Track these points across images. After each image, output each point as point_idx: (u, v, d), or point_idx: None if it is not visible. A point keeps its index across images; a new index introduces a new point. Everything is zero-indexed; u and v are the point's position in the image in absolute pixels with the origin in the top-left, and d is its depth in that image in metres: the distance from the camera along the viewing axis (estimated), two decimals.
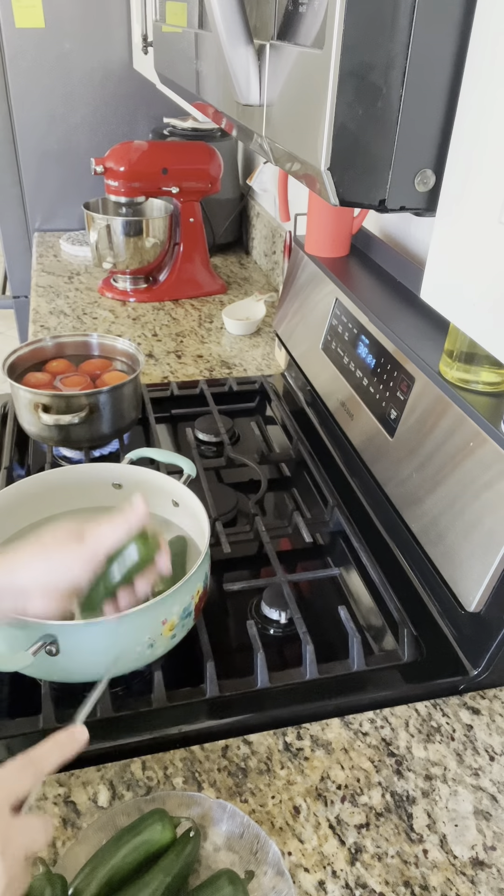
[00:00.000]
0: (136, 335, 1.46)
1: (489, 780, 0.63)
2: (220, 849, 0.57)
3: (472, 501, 0.69)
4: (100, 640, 0.63)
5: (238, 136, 0.63)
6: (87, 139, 1.99)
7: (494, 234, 0.37)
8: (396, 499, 0.82)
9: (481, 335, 0.40)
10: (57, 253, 1.90)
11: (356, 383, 0.95)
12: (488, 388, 0.72)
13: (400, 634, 0.74)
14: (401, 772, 0.64)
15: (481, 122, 0.37)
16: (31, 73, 1.86)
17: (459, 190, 0.40)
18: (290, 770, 0.63)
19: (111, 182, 1.49)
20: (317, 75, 0.39)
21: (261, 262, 1.84)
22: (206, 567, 0.71)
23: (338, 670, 0.71)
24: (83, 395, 0.96)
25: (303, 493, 1.01)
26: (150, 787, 0.61)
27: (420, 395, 0.80)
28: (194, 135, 1.76)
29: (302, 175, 0.45)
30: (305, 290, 1.16)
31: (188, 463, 0.87)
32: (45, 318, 1.51)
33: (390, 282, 1.01)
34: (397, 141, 0.40)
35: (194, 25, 0.73)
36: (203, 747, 0.65)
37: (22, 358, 1.06)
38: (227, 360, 1.37)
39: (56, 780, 0.62)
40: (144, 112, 1.99)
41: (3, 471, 0.98)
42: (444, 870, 0.57)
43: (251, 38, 0.48)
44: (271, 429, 1.18)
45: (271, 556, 0.83)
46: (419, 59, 0.38)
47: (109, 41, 1.86)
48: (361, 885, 0.55)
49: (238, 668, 0.71)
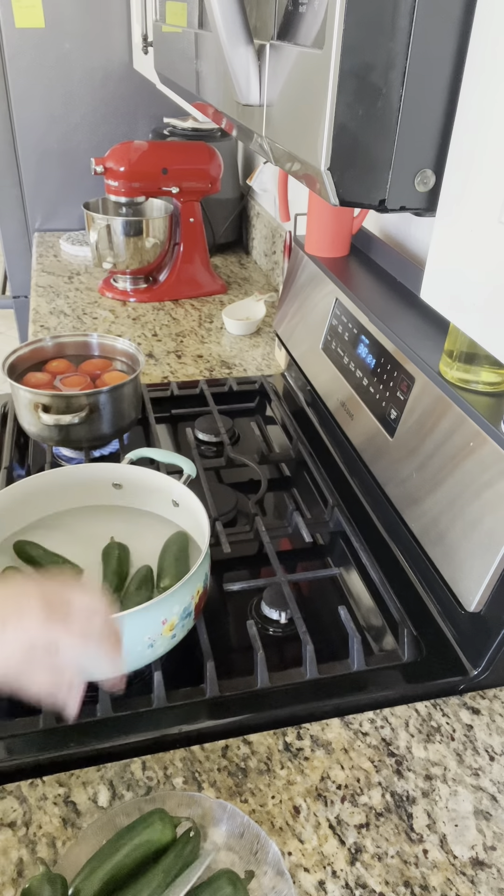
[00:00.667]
0: (136, 335, 1.46)
1: (489, 780, 0.63)
2: (220, 849, 0.57)
3: (472, 501, 0.69)
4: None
5: (238, 136, 0.63)
6: (87, 139, 1.99)
7: (494, 234, 0.37)
8: (396, 499, 0.82)
9: (481, 335, 0.40)
10: (57, 253, 1.90)
11: (356, 383, 0.95)
12: (488, 388, 0.72)
13: (400, 634, 0.74)
14: (401, 772, 0.64)
15: (481, 121, 0.37)
16: (31, 73, 1.86)
17: (459, 190, 0.40)
18: (290, 770, 0.63)
19: (111, 182, 1.49)
20: (317, 75, 0.39)
21: (261, 262, 1.84)
22: (206, 567, 0.71)
23: (338, 670, 0.71)
24: (83, 395, 0.96)
25: (303, 493, 1.01)
26: (150, 787, 0.61)
27: (420, 395, 0.80)
28: (194, 135, 1.76)
29: (302, 175, 0.45)
30: (305, 290, 1.16)
31: (188, 463, 0.87)
32: (45, 318, 1.51)
33: (390, 282, 1.01)
34: (397, 141, 0.40)
35: (194, 25, 0.73)
36: (203, 747, 0.65)
37: (22, 358, 1.06)
38: (227, 360, 1.37)
39: (56, 780, 0.62)
40: (144, 112, 1.99)
41: (3, 471, 0.98)
42: (444, 870, 0.57)
43: (251, 38, 0.48)
44: (271, 429, 1.18)
45: (271, 556, 0.83)
46: (419, 59, 0.38)
47: (109, 41, 1.86)
48: (361, 885, 0.55)
49: (238, 668, 0.71)
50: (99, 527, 0.84)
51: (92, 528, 0.84)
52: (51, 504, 0.85)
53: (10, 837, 0.57)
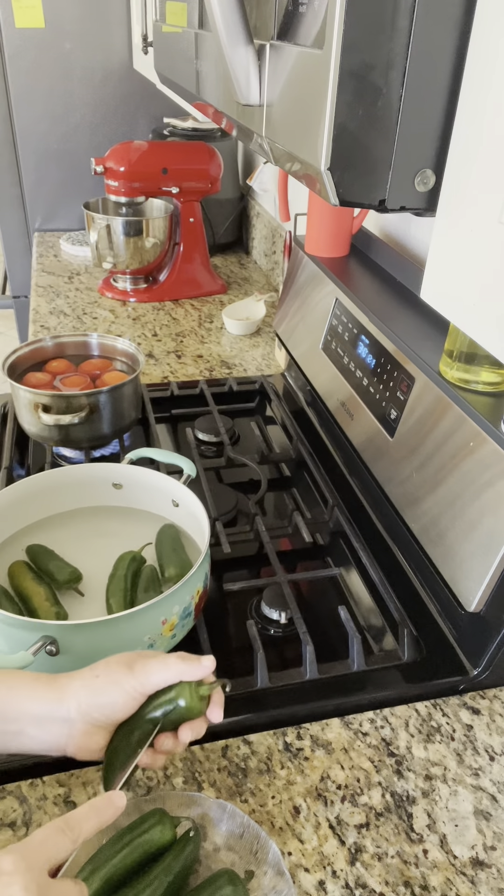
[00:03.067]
0: (136, 335, 1.46)
1: (489, 780, 0.63)
2: (220, 849, 0.57)
3: (472, 501, 0.69)
4: (100, 640, 0.63)
5: (238, 136, 0.63)
6: (87, 139, 1.99)
7: (494, 234, 0.37)
8: (396, 499, 0.82)
9: (481, 335, 0.40)
10: (57, 253, 1.90)
11: (356, 383, 0.95)
12: (488, 388, 0.72)
13: (400, 634, 0.74)
14: (401, 772, 0.64)
15: (482, 122, 0.37)
16: (31, 73, 1.86)
17: (459, 190, 0.40)
18: (290, 770, 0.63)
19: (111, 182, 1.49)
20: (317, 75, 0.39)
21: (261, 262, 1.84)
22: (205, 567, 0.71)
23: (338, 670, 0.71)
24: (83, 395, 0.96)
25: (303, 493, 1.01)
26: (150, 787, 0.61)
27: (420, 395, 0.80)
28: (194, 135, 1.76)
29: (302, 175, 0.45)
30: (305, 290, 1.16)
31: (188, 463, 0.87)
32: (45, 318, 1.51)
33: (390, 282, 1.01)
34: (397, 141, 0.40)
35: (194, 25, 0.73)
36: (203, 747, 0.65)
37: (22, 358, 1.06)
38: (227, 360, 1.37)
39: (56, 780, 0.62)
40: (144, 112, 1.99)
41: (3, 471, 0.98)
42: (444, 870, 0.57)
43: (251, 38, 0.48)
44: (271, 429, 1.18)
45: (271, 556, 0.83)
46: (419, 59, 0.38)
47: (109, 41, 1.86)
48: (361, 885, 0.55)
49: (238, 668, 0.71)
50: (99, 527, 0.84)
51: (92, 528, 0.84)
52: (51, 504, 0.85)
53: (10, 837, 0.57)
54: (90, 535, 0.83)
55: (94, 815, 0.46)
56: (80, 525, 0.85)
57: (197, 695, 0.54)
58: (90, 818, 0.46)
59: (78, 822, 0.45)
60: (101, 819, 0.46)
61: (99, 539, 0.82)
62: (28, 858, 0.41)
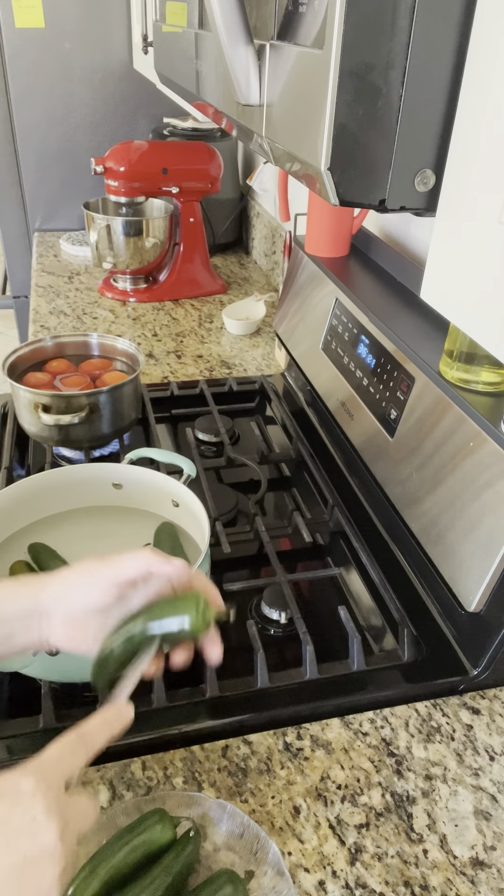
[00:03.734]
0: (136, 335, 1.46)
1: (489, 780, 0.63)
2: (220, 849, 0.57)
3: (472, 501, 0.69)
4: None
5: (238, 136, 0.63)
6: (87, 139, 1.99)
7: (494, 234, 0.37)
8: (396, 499, 0.82)
9: (481, 335, 0.40)
10: (57, 253, 1.90)
11: (356, 383, 0.95)
12: (488, 388, 0.72)
13: (400, 634, 0.74)
14: (401, 772, 0.64)
15: (482, 122, 0.37)
16: (31, 73, 1.86)
17: (459, 190, 0.40)
18: (290, 770, 0.63)
19: (111, 182, 1.49)
20: (317, 75, 0.39)
21: (261, 262, 1.84)
22: (206, 567, 0.71)
23: (338, 670, 0.71)
24: (83, 395, 0.96)
25: (303, 493, 1.01)
26: (150, 787, 0.61)
27: (420, 395, 0.80)
28: (194, 135, 1.76)
29: (302, 175, 0.45)
30: (305, 290, 1.16)
31: (188, 463, 0.87)
32: (45, 318, 1.51)
33: (390, 282, 1.01)
34: (397, 141, 0.40)
35: (194, 25, 0.73)
36: (203, 747, 0.65)
37: (22, 358, 1.06)
38: (227, 360, 1.37)
39: None
40: (144, 112, 1.99)
41: (3, 471, 0.98)
42: (444, 870, 0.57)
43: (251, 38, 0.48)
44: (271, 429, 1.18)
45: (271, 556, 0.83)
46: (419, 59, 0.38)
47: (109, 41, 1.86)
48: (361, 885, 0.55)
49: (238, 668, 0.71)
50: (99, 527, 0.84)
51: (92, 528, 0.84)
52: (51, 504, 0.85)
53: None
54: (90, 535, 0.83)
55: (106, 728, 0.46)
56: (80, 525, 0.85)
57: (202, 614, 0.53)
58: (102, 731, 0.46)
59: (91, 735, 0.45)
60: (111, 731, 0.46)
61: (99, 539, 0.82)
62: (47, 777, 0.41)
